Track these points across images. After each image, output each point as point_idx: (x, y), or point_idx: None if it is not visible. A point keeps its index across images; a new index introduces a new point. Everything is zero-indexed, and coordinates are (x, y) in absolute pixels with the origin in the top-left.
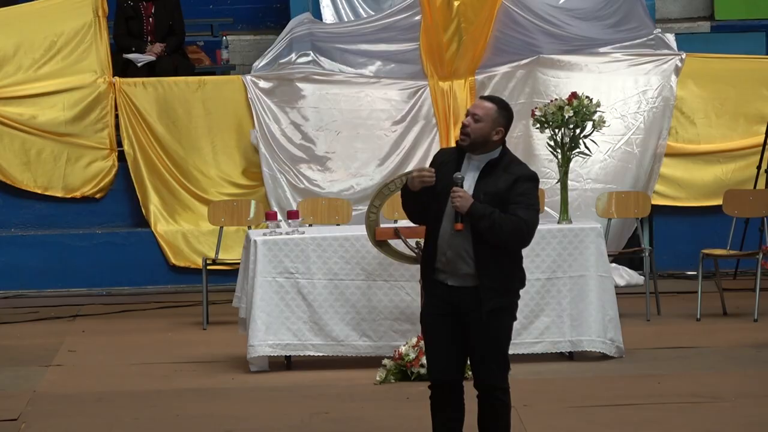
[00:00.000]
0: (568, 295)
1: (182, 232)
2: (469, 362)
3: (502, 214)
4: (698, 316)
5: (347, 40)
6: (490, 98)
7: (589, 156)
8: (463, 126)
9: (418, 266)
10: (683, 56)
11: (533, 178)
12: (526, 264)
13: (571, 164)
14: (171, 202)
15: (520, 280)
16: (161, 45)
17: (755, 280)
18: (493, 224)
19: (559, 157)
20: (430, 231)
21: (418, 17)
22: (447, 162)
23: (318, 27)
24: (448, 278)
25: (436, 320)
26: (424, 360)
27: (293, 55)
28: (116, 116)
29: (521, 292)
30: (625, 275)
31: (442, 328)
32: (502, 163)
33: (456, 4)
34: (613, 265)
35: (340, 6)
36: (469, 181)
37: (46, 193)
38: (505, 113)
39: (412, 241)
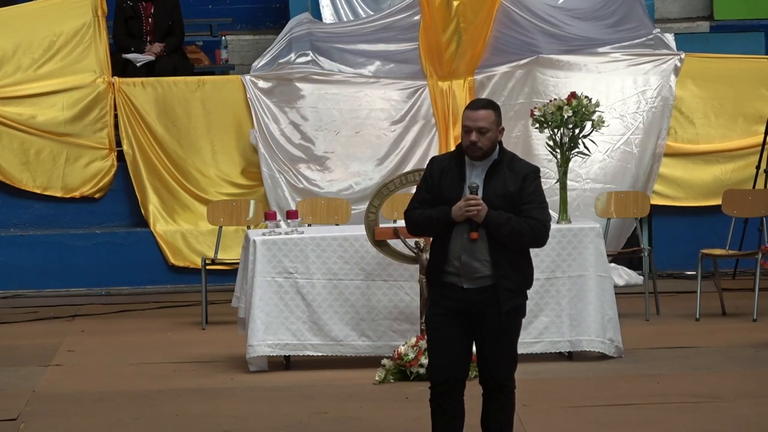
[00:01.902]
0: (568, 295)
1: (181, 232)
2: (475, 360)
3: (518, 219)
4: (697, 316)
5: (346, 40)
6: (480, 105)
7: (588, 156)
8: (473, 143)
9: (417, 266)
10: (682, 56)
11: (538, 174)
12: None
13: (570, 164)
14: (170, 202)
15: (531, 278)
16: (160, 45)
17: (754, 280)
18: (513, 231)
19: (558, 157)
20: (439, 236)
21: (417, 17)
22: (448, 168)
23: (317, 27)
24: (463, 281)
25: (444, 321)
26: (423, 360)
27: (292, 55)
28: (115, 116)
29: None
30: (625, 275)
31: (449, 328)
32: (504, 160)
33: (455, 3)
34: (612, 265)
35: (340, 6)
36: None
37: (45, 193)
38: (498, 111)
39: (411, 241)
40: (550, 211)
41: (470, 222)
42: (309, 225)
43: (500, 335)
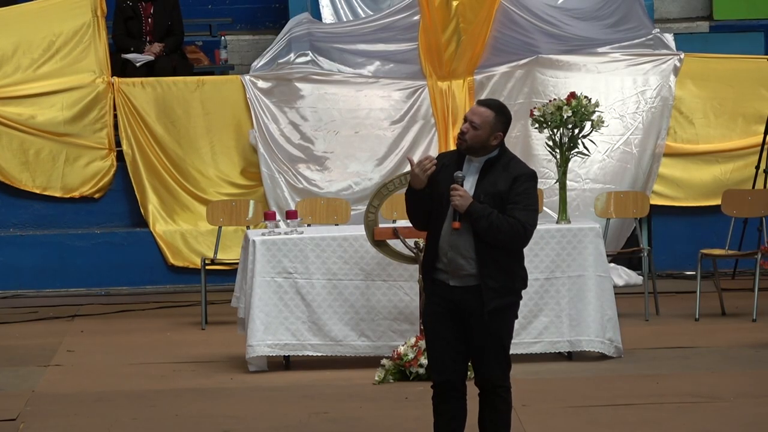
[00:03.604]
0: (567, 295)
1: (181, 232)
2: (471, 361)
3: (500, 216)
4: (697, 316)
5: (346, 40)
6: (487, 104)
7: (588, 156)
8: (461, 132)
9: (417, 266)
10: (682, 56)
11: (532, 177)
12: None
13: (570, 164)
14: (170, 202)
15: (522, 279)
16: (160, 45)
17: (754, 280)
18: (491, 225)
19: (558, 157)
20: (431, 232)
21: (416, 17)
22: (448, 164)
23: (317, 27)
24: (450, 278)
25: (438, 320)
26: (422, 360)
27: (292, 55)
28: (115, 116)
29: (522, 291)
30: (624, 275)
31: (443, 327)
32: (502, 161)
33: (455, 4)
34: (612, 265)
35: (339, 6)
36: (469, 182)
37: (45, 193)
38: (503, 118)
39: (410, 241)
40: (549, 211)
41: (454, 212)
42: (308, 225)
43: (487, 335)
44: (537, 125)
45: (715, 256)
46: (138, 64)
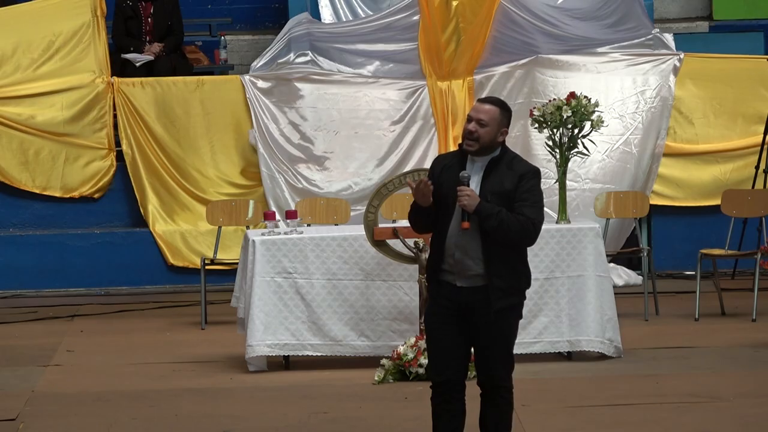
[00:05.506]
0: (567, 295)
1: (180, 232)
2: (473, 360)
3: (508, 213)
4: (696, 316)
5: (346, 39)
6: (489, 100)
7: (588, 156)
8: (470, 132)
9: (417, 266)
10: (681, 56)
11: (537, 174)
12: None
13: (570, 164)
14: (169, 202)
15: (526, 278)
16: (159, 45)
17: (753, 280)
18: (501, 223)
19: (558, 157)
20: (437, 233)
21: (416, 17)
22: (450, 165)
23: (316, 27)
24: (456, 279)
25: (442, 320)
26: (422, 360)
27: (291, 55)
28: (114, 116)
29: (525, 291)
30: (624, 275)
31: (447, 328)
32: (505, 159)
33: (454, 3)
34: (612, 265)
35: (339, 6)
36: (474, 182)
37: (45, 193)
38: (506, 113)
39: (410, 241)
40: (548, 211)
41: (462, 212)
42: (308, 225)
43: (493, 335)
44: (537, 125)
45: (714, 256)
46: (138, 64)
